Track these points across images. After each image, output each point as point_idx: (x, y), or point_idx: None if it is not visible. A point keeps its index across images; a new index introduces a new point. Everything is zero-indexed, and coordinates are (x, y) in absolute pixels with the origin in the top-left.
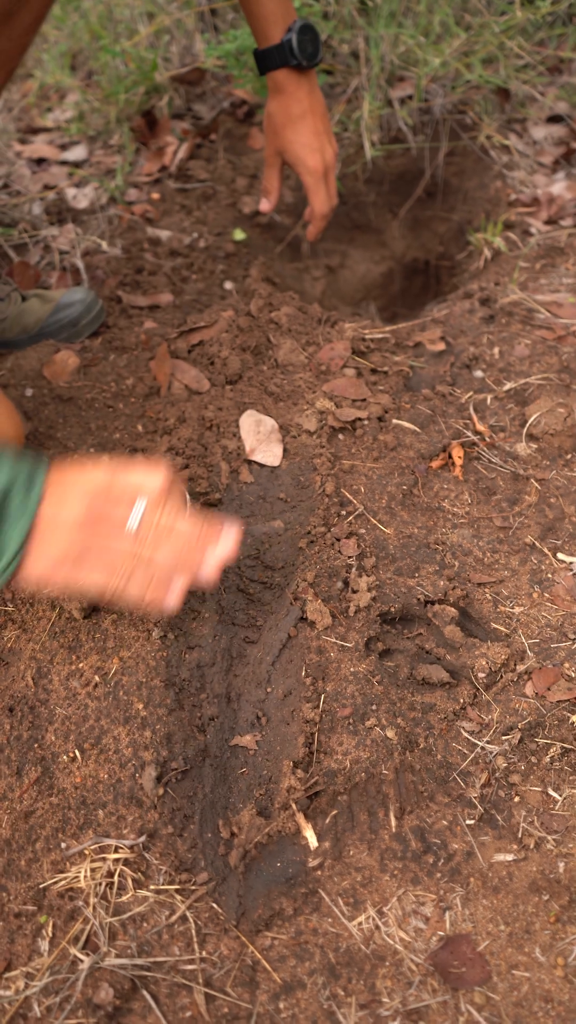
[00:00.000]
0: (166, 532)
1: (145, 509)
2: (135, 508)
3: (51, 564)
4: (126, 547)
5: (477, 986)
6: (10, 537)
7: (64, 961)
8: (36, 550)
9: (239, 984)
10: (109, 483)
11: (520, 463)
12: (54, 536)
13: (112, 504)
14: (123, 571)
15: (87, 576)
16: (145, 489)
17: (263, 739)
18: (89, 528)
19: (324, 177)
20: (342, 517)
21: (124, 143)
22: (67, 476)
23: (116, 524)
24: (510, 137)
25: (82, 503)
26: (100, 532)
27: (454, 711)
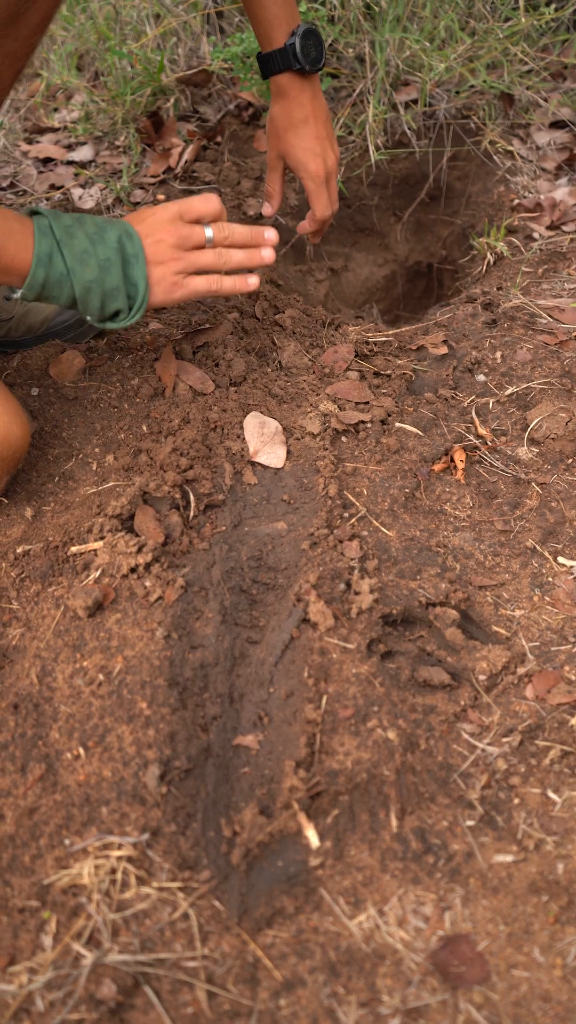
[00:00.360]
0: (231, 238)
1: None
2: (206, 231)
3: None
4: (211, 256)
5: (476, 985)
6: (137, 275)
7: (67, 957)
8: (153, 280)
9: (240, 981)
10: (178, 213)
11: (521, 467)
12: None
13: (188, 228)
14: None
15: (194, 286)
16: (207, 211)
17: (265, 739)
18: (180, 250)
19: (326, 182)
20: (345, 519)
21: (130, 144)
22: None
23: (198, 241)
24: (513, 142)
25: (168, 233)
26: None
27: (455, 713)
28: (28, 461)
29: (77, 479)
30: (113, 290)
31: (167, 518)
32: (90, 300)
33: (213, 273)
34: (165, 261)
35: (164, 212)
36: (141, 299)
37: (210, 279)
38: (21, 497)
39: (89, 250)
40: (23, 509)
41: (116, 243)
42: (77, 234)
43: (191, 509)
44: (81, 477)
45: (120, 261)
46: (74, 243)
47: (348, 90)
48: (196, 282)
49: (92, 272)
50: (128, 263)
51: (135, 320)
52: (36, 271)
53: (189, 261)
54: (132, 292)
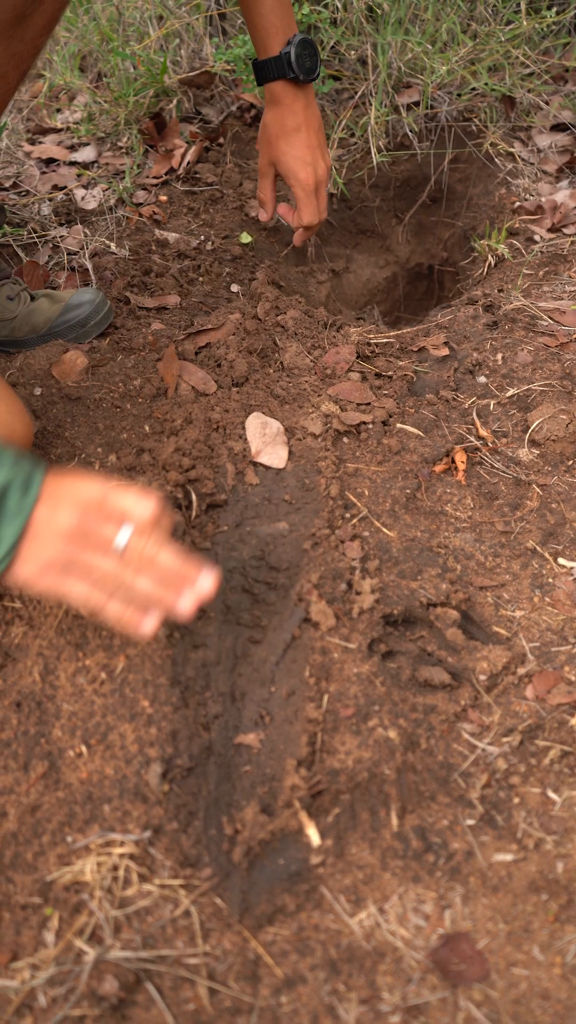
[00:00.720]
0: (149, 561)
1: (132, 533)
2: (123, 530)
3: (39, 568)
4: (110, 567)
5: (476, 983)
6: (4, 534)
7: (69, 953)
8: (27, 551)
9: (241, 978)
10: (102, 499)
11: (522, 468)
12: (45, 541)
13: (103, 521)
14: (104, 590)
15: (70, 587)
16: (135, 514)
17: (267, 738)
18: (78, 540)
19: (315, 191)
20: (346, 520)
21: (133, 145)
22: (63, 484)
23: (104, 541)
24: (515, 145)
25: (74, 513)
26: (88, 546)
27: (455, 713)
28: None
29: None
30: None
31: None
32: None
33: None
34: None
35: (87, 489)
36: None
37: (92, 595)
38: None
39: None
40: None
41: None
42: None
43: (193, 509)
44: None
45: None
46: None
47: (350, 92)
48: (71, 588)
49: None
50: (5, 516)
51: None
52: None
53: (76, 559)
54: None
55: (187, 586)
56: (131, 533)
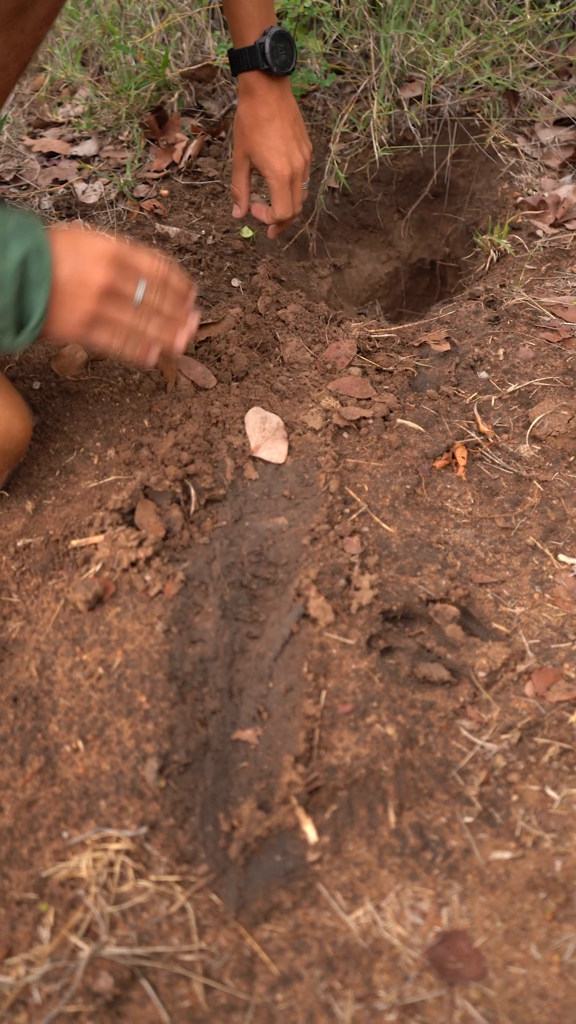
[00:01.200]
0: (157, 310)
1: (147, 288)
2: (140, 285)
3: (69, 326)
4: (129, 318)
5: (473, 982)
6: (35, 302)
7: (64, 949)
8: (57, 311)
9: (237, 975)
10: (123, 258)
11: (523, 464)
12: (72, 300)
13: (122, 279)
14: (123, 337)
15: (96, 337)
16: (150, 271)
17: (264, 734)
18: (107, 297)
19: (290, 183)
20: (346, 515)
21: (134, 139)
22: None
23: (126, 297)
24: (518, 140)
25: (102, 272)
26: (110, 301)
27: (454, 709)
28: (29, 455)
29: (78, 473)
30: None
31: (168, 512)
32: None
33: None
34: (77, 300)
35: (106, 247)
36: (34, 326)
37: (115, 340)
38: (22, 490)
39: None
40: (24, 502)
41: (17, 262)
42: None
43: (192, 503)
44: (82, 471)
45: (17, 284)
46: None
47: (352, 86)
48: (98, 336)
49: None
50: (29, 286)
51: (18, 346)
52: None
53: (104, 313)
54: (23, 318)
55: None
56: (146, 288)
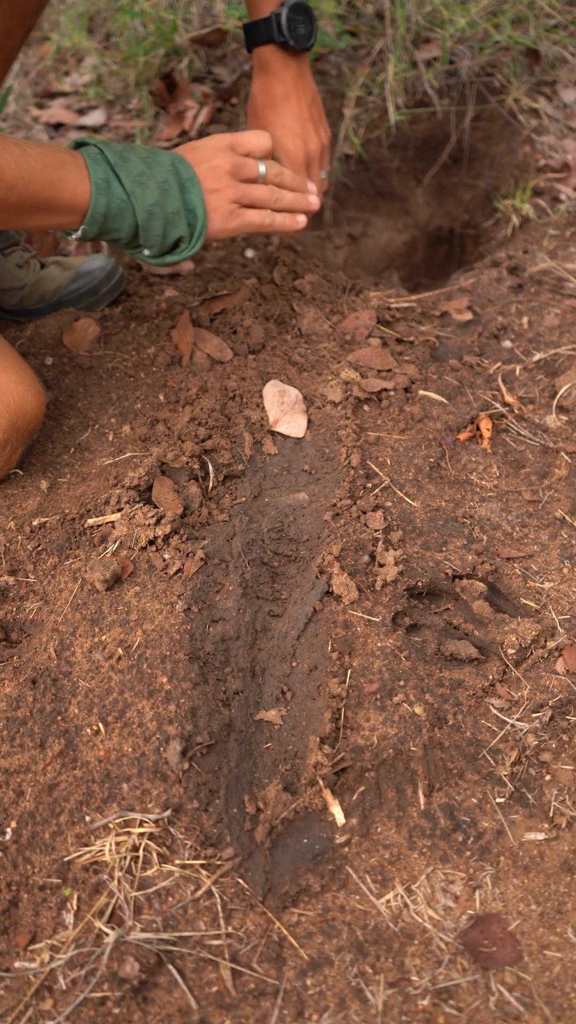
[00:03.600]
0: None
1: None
2: (259, 164)
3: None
4: (264, 192)
5: (508, 966)
6: (195, 199)
7: (89, 934)
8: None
9: (265, 960)
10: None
11: (550, 435)
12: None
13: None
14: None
15: (248, 218)
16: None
17: (288, 714)
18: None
19: (305, 167)
20: (368, 490)
21: (143, 107)
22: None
23: (252, 174)
24: (539, 100)
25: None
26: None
27: (483, 688)
28: (43, 432)
29: (93, 450)
30: (174, 215)
31: (185, 489)
32: (152, 227)
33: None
34: (220, 188)
35: (216, 141)
36: (201, 225)
37: (263, 213)
38: (36, 469)
39: (146, 172)
40: (38, 481)
41: (171, 166)
42: (131, 158)
43: (210, 480)
44: (97, 448)
45: (177, 184)
46: (129, 166)
47: (367, 48)
48: (250, 214)
49: (152, 195)
50: (184, 187)
51: (195, 251)
52: (97, 200)
53: (243, 191)
54: (191, 218)
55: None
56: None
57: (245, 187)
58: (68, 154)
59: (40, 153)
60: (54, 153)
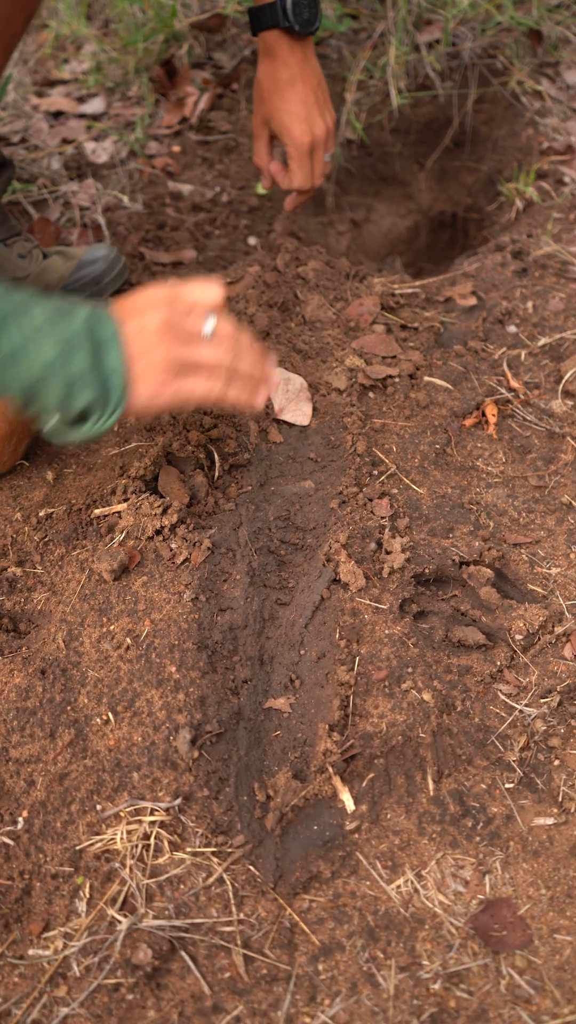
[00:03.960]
0: (237, 340)
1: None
2: (207, 319)
3: (154, 380)
4: (211, 354)
5: (518, 950)
6: (112, 361)
7: (102, 922)
8: (138, 366)
9: (277, 946)
10: (173, 295)
11: (556, 420)
12: (147, 349)
13: (183, 314)
14: (219, 378)
15: (190, 387)
16: (208, 300)
17: (297, 702)
18: (172, 335)
19: (310, 153)
20: (374, 477)
21: (143, 94)
22: (131, 300)
23: (194, 332)
24: (542, 82)
25: (158, 312)
26: (184, 342)
27: (491, 674)
28: None
29: (98, 440)
30: (80, 377)
31: (191, 479)
32: (49, 389)
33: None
34: (149, 351)
35: (154, 292)
36: (119, 394)
37: (209, 382)
38: (42, 460)
39: (47, 326)
40: (44, 472)
41: (84, 321)
42: (33, 310)
43: (216, 469)
44: (103, 438)
45: (88, 343)
46: (29, 318)
47: (368, 31)
48: (190, 384)
49: (50, 350)
50: (101, 348)
51: (109, 426)
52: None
53: (182, 354)
54: (106, 385)
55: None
56: (213, 319)
57: (187, 349)
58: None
59: None
60: None
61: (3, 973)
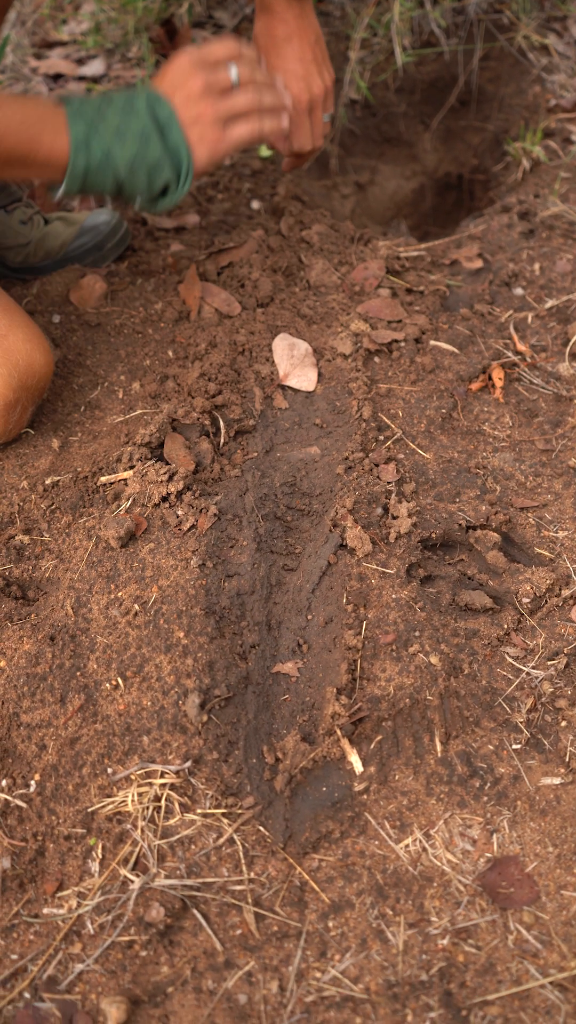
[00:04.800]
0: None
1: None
2: (231, 70)
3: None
4: (245, 100)
5: (526, 906)
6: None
7: (114, 882)
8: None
9: (288, 904)
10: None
11: (563, 384)
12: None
13: (212, 71)
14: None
15: (238, 133)
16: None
17: (305, 666)
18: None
19: (308, 112)
20: (380, 442)
21: (143, 55)
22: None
23: (226, 85)
24: (549, 37)
25: (195, 79)
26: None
27: (498, 637)
28: (52, 390)
29: (103, 408)
30: (157, 162)
31: (197, 445)
32: (136, 179)
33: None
34: (200, 114)
35: (183, 61)
36: (187, 165)
37: (250, 124)
38: (47, 428)
39: (123, 125)
40: (50, 440)
41: (147, 111)
42: (107, 112)
43: (221, 435)
44: (107, 406)
45: (156, 130)
46: (107, 122)
47: None
48: (237, 131)
49: (132, 147)
50: (164, 131)
51: (186, 191)
52: (76, 158)
53: (224, 108)
54: (176, 161)
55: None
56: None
57: (225, 102)
58: (48, 109)
59: (18, 108)
60: (33, 108)
61: (19, 931)
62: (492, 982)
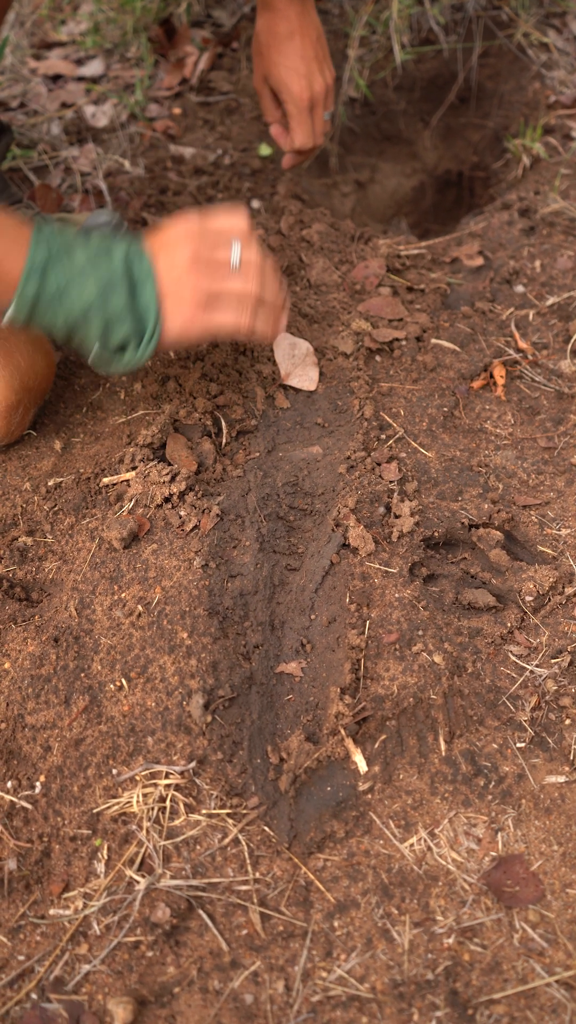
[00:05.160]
0: (262, 269)
1: (241, 248)
2: (232, 248)
3: (187, 311)
4: (239, 286)
5: (531, 904)
6: (147, 299)
7: (120, 882)
8: (169, 301)
9: (293, 904)
10: (201, 227)
11: (565, 381)
12: (178, 284)
13: (210, 246)
14: (246, 308)
15: (220, 318)
16: (234, 231)
17: (308, 666)
18: (201, 270)
19: (310, 109)
20: (382, 441)
21: (142, 55)
22: (163, 233)
23: (222, 264)
24: (549, 33)
25: (188, 247)
26: (212, 274)
27: (502, 635)
28: (54, 392)
29: (106, 409)
30: (117, 315)
31: (199, 446)
32: (90, 326)
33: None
34: (182, 286)
35: (182, 224)
36: (153, 329)
37: (239, 316)
38: (50, 429)
39: (89, 267)
40: (52, 441)
41: (122, 262)
42: (76, 249)
43: (223, 436)
44: (109, 407)
45: (126, 284)
46: (72, 258)
47: None
48: (220, 318)
49: (91, 291)
50: (136, 286)
51: (147, 357)
52: (27, 283)
53: (212, 287)
54: (141, 321)
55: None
56: (240, 248)
57: (214, 283)
58: (15, 224)
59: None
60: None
61: (26, 932)
62: (498, 981)
